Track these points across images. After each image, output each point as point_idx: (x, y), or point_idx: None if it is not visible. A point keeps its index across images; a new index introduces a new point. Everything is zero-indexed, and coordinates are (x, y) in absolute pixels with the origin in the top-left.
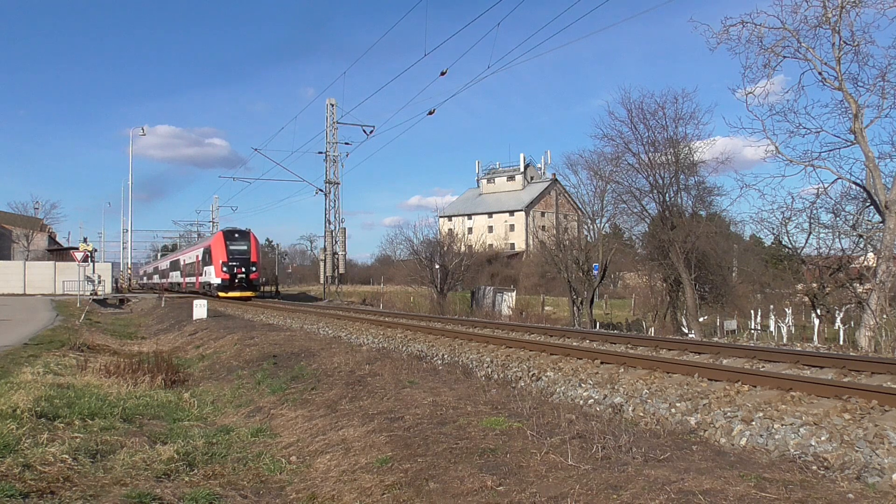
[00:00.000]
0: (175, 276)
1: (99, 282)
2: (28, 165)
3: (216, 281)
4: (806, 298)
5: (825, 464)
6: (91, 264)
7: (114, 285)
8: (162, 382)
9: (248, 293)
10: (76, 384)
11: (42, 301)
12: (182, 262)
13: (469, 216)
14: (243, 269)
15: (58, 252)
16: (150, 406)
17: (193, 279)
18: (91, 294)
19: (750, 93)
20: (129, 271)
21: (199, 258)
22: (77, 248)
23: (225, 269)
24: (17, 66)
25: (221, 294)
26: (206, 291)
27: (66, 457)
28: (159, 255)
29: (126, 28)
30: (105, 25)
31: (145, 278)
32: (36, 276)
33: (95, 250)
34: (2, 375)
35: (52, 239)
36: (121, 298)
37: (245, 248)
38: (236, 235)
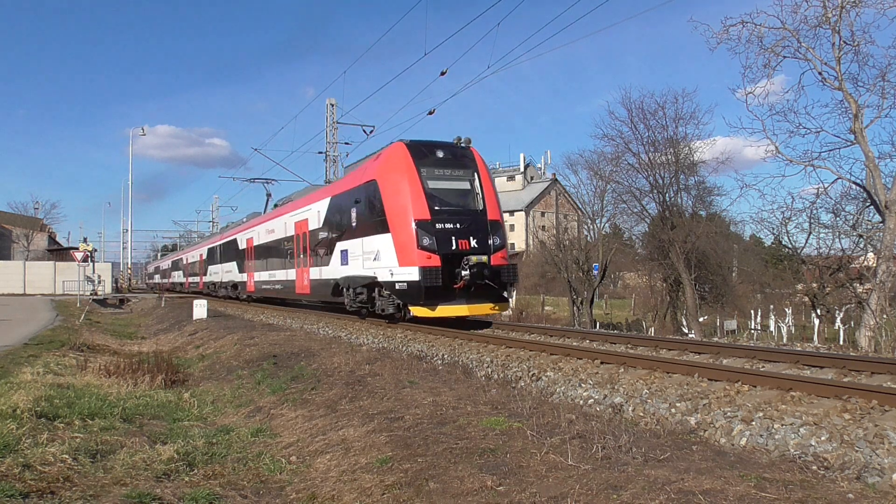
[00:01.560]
0: (222, 272)
1: (99, 282)
2: (28, 165)
3: (406, 274)
4: (806, 298)
5: (825, 464)
6: (91, 264)
7: (114, 285)
8: (162, 382)
9: (489, 306)
10: (76, 384)
11: (42, 301)
12: (245, 244)
13: None
14: (473, 241)
15: (58, 252)
16: (150, 406)
17: (289, 274)
18: (91, 294)
19: (750, 93)
20: (130, 271)
21: (324, 219)
22: (77, 248)
23: (427, 240)
24: (18, 65)
25: (420, 312)
26: (338, 305)
27: (66, 457)
28: (159, 255)
29: (126, 29)
30: (105, 26)
31: (157, 277)
32: (36, 276)
33: (95, 250)
34: (2, 375)
35: (52, 239)
36: (121, 298)
37: (466, 184)
38: (440, 154)
